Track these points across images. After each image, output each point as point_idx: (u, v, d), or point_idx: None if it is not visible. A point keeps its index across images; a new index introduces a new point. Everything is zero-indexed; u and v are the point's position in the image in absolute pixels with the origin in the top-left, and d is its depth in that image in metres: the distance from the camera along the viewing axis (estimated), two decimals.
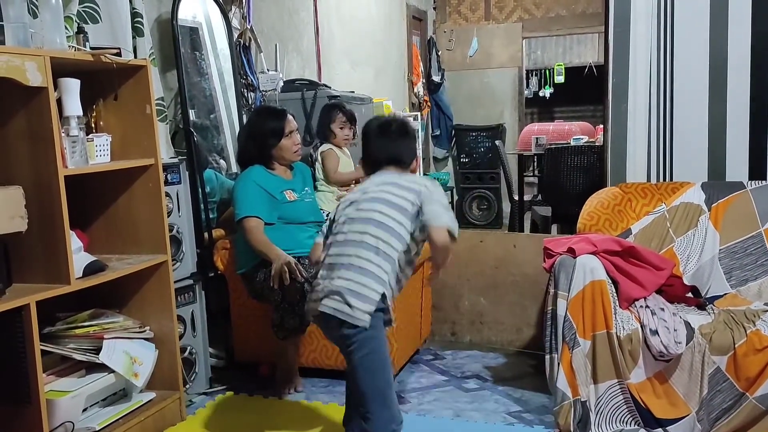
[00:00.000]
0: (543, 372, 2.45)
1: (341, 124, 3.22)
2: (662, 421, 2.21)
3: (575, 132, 6.10)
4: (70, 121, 2.08)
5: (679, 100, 2.96)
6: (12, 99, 1.96)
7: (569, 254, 2.41)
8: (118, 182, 2.39)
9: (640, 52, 2.99)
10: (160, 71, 3.02)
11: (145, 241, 2.42)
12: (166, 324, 2.45)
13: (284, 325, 2.62)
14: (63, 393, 2.11)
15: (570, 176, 4.47)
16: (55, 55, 1.99)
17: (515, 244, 3.21)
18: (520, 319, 3.19)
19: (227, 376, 2.97)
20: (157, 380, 2.44)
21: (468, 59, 7.17)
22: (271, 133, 2.84)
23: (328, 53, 4.65)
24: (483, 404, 2.61)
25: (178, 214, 2.69)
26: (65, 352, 2.16)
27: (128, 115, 2.36)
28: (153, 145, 2.36)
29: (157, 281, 2.43)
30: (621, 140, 3.05)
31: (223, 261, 2.93)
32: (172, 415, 2.46)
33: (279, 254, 2.64)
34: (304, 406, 2.64)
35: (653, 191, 2.85)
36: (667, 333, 2.20)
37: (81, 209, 2.33)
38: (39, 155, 1.98)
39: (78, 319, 2.26)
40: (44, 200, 1.98)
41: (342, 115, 3.23)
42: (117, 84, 2.34)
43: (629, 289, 2.36)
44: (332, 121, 3.22)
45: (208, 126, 3.29)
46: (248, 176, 2.85)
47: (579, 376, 2.29)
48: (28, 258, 2.03)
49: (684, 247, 2.71)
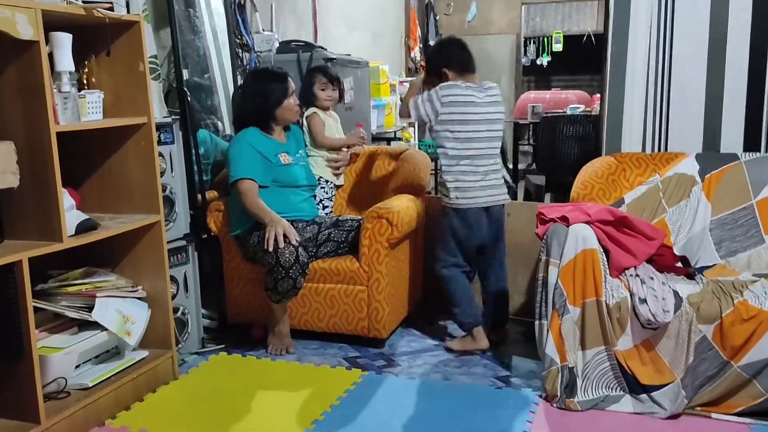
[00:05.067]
0: (532, 338, 2.48)
1: (322, 85, 3.16)
2: (647, 387, 2.25)
3: (572, 101, 6.08)
4: (62, 76, 2.05)
5: (677, 71, 2.94)
6: (3, 53, 1.93)
7: (562, 222, 2.42)
8: (110, 140, 2.37)
9: (640, 21, 2.96)
10: (154, 28, 2.97)
11: (137, 201, 2.41)
12: (159, 284, 2.46)
13: (277, 288, 2.63)
14: (56, 349, 2.13)
15: (565, 145, 4.46)
16: (46, 8, 1.94)
17: (508, 212, 3.21)
18: (511, 286, 3.20)
19: (220, 337, 2.99)
20: (150, 339, 2.46)
21: (466, 25, 7.10)
22: (275, 96, 2.83)
23: (325, 15, 4.59)
24: (472, 369, 2.64)
25: (171, 174, 2.68)
26: (58, 309, 2.17)
27: (121, 72, 2.32)
28: (146, 104, 2.34)
29: (150, 241, 2.43)
30: (617, 110, 3.04)
31: (216, 223, 2.92)
32: (164, 373, 2.49)
33: (273, 217, 2.64)
34: (296, 368, 2.67)
35: (647, 161, 2.86)
36: (655, 302, 2.22)
37: (74, 167, 2.31)
38: (30, 111, 1.95)
39: (70, 276, 2.27)
40: (36, 157, 1.97)
41: (323, 76, 3.17)
42: (110, 39, 2.30)
43: (620, 258, 2.38)
44: (313, 84, 3.17)
45: (201, 86, 3.25)
46: (243, 138, 2.84)
47: (567, 342, 2.32)
48: (20, 215, 2.02)
49: (676, 218, 2.73)
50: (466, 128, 2.62)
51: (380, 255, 2.74)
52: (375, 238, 2.74)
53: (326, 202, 3.17)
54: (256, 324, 2.95)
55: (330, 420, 2.22)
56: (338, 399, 2.37)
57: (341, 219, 2.96)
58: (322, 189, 3.15)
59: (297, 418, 2.24)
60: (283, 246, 2.58)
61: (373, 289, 2.76)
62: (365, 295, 2.78)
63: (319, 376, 2.58)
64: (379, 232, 2.73)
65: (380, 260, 2.74)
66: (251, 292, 2.92)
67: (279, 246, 2.58)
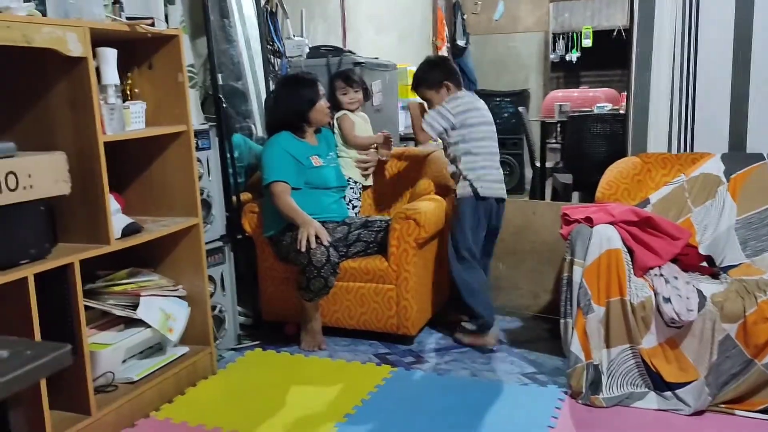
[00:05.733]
0: (558, 336, 2.54)
1: (342, 90, 3.27)
2: (672, 384, 2.29)
3: (600, 99, 6.06)
4: (108, 89, 2.17)
5: (702, 71, 2.96)
6: (54, 69, 2.06)
7: (586, 223, 2.47)
8: (152, 148, 2.49)
9: (665, 21, 2.98)
10: (190, 38, 3.09)
11: (177, 205, 2.53)
12: (198, 283, 2.58)
13: (310, 287, 2.73)
14: (104, 345, 2.26)
15: (592, 144, 4.48)
16: (93, 25, 2.07)
17: (534, 211, 3.27)
18: (538, 284, 3.27)
19: (255, 333, 3.11)
20: (190, 336, 2.58)
21: (494, 23, 7.12)
22: (307, 99, 2.94)
23: (353, 19, 4.68)
24: (498, 365, 2.71)
25: (208, 178, 2.80)
26: (106, 307, 2.30)
27: (161, 82, 2.45)
28: (185, 112, 2.45)
29: (189, 243, 2.55)
30: (643, 110, 3.07)
31: (250, 224, 3.04)
32: (203, 368, 2.61)
33: (305, 219, 2.75)
34: (329, 364, 2.77)
35: (673, 161, 2.89)
36: (679, 301, 2.26)
37: (118, 173, 2.44)
38: (80, 122, 2.08)
39: (116, 277, 2.40)
40: (85, 165, 2.09)
41: (341, 81, 3.27)
42: (152, 53, 2.42)
43: (644, 258, 2.43)
44: (334, 90, 3.27)
45: (235, 92, 3.37)
46: (276, 142, 2.95)
47: (592, 340, 2.37)
48: (71, 219, 2.15)
49: (701, 218, 2.76)
50: (480, 129, 2.89)
51: (408, 255, 2.83)
52: (403, 239, 2.82)
53: (355, 201, 3.27)
54: (290, 321, 3.06)
55: (361, 414, 2.32)
56: (369, 394, 2.46)
57: (370, 220, 3.06)
58: (351, 189, 3.25)
59: (329, 411, 2.34)
60: (315, 246, 2.68)
61: (402, 287, 2.85)
62: (394, 293, 2.86)
63: (350, 372, 2.68)
64: (407, 232, 2.81)
65: (408, 260, 2.83)
66: (284, 291, 3.03)
67: (311, 246, 2.68)
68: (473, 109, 2.89)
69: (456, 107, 2.87)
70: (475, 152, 2.86)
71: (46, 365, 0.70)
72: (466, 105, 2.89)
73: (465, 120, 2.86)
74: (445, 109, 2.87)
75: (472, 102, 2.92)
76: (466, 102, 2.90)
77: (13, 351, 0.68)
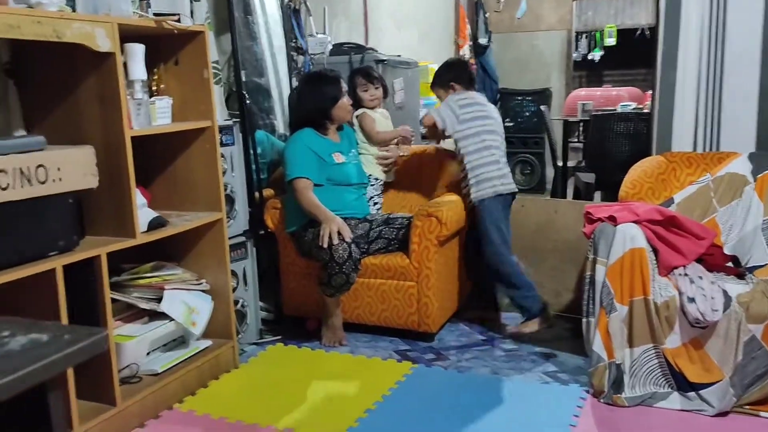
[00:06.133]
0: (579, 335, 2.53)
1: (363, 87, 3.27)
2: (696, 385, 2.27)
3: (623, 98, 6.01)
4: (135, 84, 2.20)
5: (729, 69, 2.92)
6: (83, 64, 2.09)
7: (610, 221, 2.45)
8: (177, 143, 2.52)
9: (691, 18, 2.95)
10: (215, 35, 3.12)
11: (201, 200, 2.56)
12: (221, 277, 2.60)
13: (331, 283, 2.75)
14: (129, 337, 2.29)
15: (615, 143, 4.45)
16: (122, 21, 2.10)
17: (556, 210, 3.26)
18: (559, 283, 3.25)
19: (276, 328, 3.13)
20: (212, 330, 2.60)
21: (516, 21, 7.08)
22: (331, 96, 2.97)
23: (375, 17, 4.68)
24: (519, 363, 2.71)
25: (231, 174, 2.82)
26: (130, 300, 2.34)
27: (187, 78, 2.47)
28: (210, 108, 2.48)
29: (213, 237, 2.58)
30: (668, 109, 3.04)
31: (273, 220, 3.06)
32: (226, 362, 2.64)
33: (327, 215, 2.76)
34: (349, 359, 2.78)
35: (699, 161, 2.85)
36: (704, 301, 2.24)
37: (144, 168, 2.47)
38: (107, 117, 2.11)
39: (141, 270, 2.43)
40: (112, 159, 2.13)
41: (362, 78, 3.28)
42: (177, 49, 2.45)
43: (669, 257, 2.40)
44: (355, 87, 3.28)
45: (258, 88, 3.39)
46: (299, 138, 2.96)
47: (615, 339, 2.36)
48: (98, 213, 2.18)
49: (727, 217, 2.72)
50: (484, 122, 3.01)
51: (430, 252, 2.83)
52: (425, 236, 2.82)
53: (376, 198, 3.27)
54: (311, 317, 3.08)
55: (381, 410, 2.33)
56: (389, 390, 2.47)
57: (392, 216, 3.06)
58: (372, 186, 3.25)
59: (350, 407, 2.35)
60: (337, 243, 2.69)
61: (423, 284, 2.85)
62: (415, 290, 2.87)
63: (370, 368, 2.69)
64: (429, 229, 2.82)
65: (429, 257, 2.83)
66: (306, 286, 3.05)
67: (333, 243, 2.69)
68: (476, 104, 3.03)
69: (459, 100, 3.02)
70: (479, 148, 2.97)
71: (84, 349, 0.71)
72: (468, 99, 3.03)
73: (469, 114, 3.00)
74: (449, 101, 3.03)
75: (476, 98, 3.07)
76: (471, 96, 3.06)
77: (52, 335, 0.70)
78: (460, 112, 2.99)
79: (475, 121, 2.99)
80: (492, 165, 2.97)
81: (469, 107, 3.01)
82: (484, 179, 2.96)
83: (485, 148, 2.98)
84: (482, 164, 2.97)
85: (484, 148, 2.97)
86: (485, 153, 2.97)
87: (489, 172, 2.96)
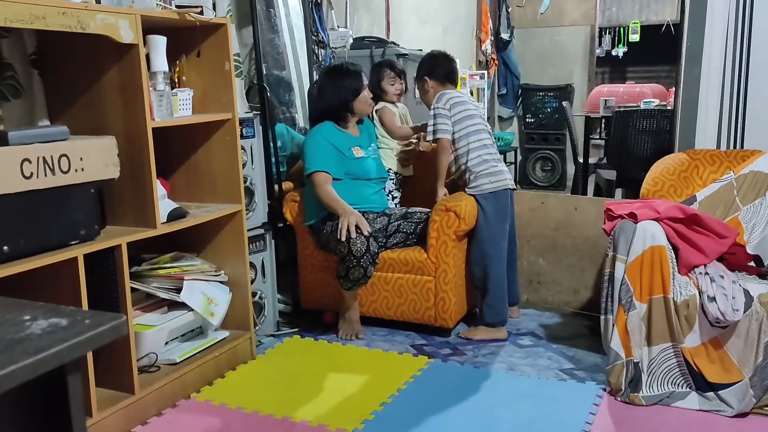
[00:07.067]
0: (597, 333, 2.51)
1: (391, 80, 3.28)
2: (714, 385, 2.25)
3: (646, 94, 5.93)
4: (157, 76, 2.22)
5: (755, 66, 2.87)
6: (106, 55, 2.11)
7: (630, 219, 2.43)
8: (198, 135, 2.54)
9: (717, 14, 2.90)
10: (236, 27, 3.14)
11: (221, 191, 2.58)
12: (239, 269, 2.62)
13: (349, 276, 2.76)
14: (148, 327, 2.32)
15: (638, 140, 4.39)
16: (144, 13, 2.12)
17: (576, 206, 3.23)
18: (578, 280, 3.23)
19: (294, 321, 3.15)
20: (230, 321, 2.63)
21: (539, 16, 7.01)
22: (353, 89, 2.98)
23: (397, 11, 4.67)
24: (536, 360, 2.69)
25: (251, 166, 2.84)
26: (150, 290, 2.36)
27: (208, 70, 2.49)
28: (231, 101, 2.50)
29: (232, 229, 2.60)
30: (692, 106, 2.99)
31: (291, 213, 3.08)
32: (243, 353, 2.66)
33: (346, 208, 2.77)
34: (365, 353, 2.79)
35: (722, 159, 2.81)
36: (725, 300, 2.21)
37: (165, 159, 2.50)
38: (129, 108, 2.13)
39: (161, 260, 2.45)
40: (134, 150, 2.15)
41: (390, 71, 3.29)
42: (199, 41, 2.47)
43: (689, 256, 2.37)
44: (382, 79, 3.28)
45: (279, 81, 3.40)
46: (319, 132, 2.97)
47: (633, 337, 2.34)
48: (119, 203, 2.21)
49: (750, 216, 2.68)
50: (472, 122, 2.97)
51: (447, 247, 2.82)
52: (443, 230, 2.82)
53: (395, 192, 3.27)
54: (328, 310, 3.09)
55: (397, 403, 2.33)
56: (405, 384, 2.47)
57: (410, 211, 3.06)
58: (391, 180, 3.25)
59: (366, 400, 2.36)
60: (355, 236, 2.70)
61: (440, 279, 2.85)
62: (432, 285, 2.87)
63: (386, 362, 2.69)
64: (447, 224, 2.81)
65: (447, 252, 2.83)
66: (323, 279, 3.06)
67: (351, 236, 2.70)
68: (462, 103, 2.99)
69: (447, 102, 2.98)
70: (472, 148, 2.94)
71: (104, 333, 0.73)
72: (454, 99, 2.99)
73: (458, 114, 2.97)
74: (439, 109, 2.98)
75: (459, 97, 3.03)
76: (453, 96, 3.01)
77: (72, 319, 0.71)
78: (451, 114, 2.96)
79: (465, 121, 2.96)
80: (485, 164, 2.93)
81: (456, 108, 2.97)
82: (479, 176, 2.92)
83: (481, 147, 2.94)
84: (477, 163, 2.93)
85: (478, 148, 2.94)
86: (480, 152, 2.93)
87: (484, 170, 2.92)
